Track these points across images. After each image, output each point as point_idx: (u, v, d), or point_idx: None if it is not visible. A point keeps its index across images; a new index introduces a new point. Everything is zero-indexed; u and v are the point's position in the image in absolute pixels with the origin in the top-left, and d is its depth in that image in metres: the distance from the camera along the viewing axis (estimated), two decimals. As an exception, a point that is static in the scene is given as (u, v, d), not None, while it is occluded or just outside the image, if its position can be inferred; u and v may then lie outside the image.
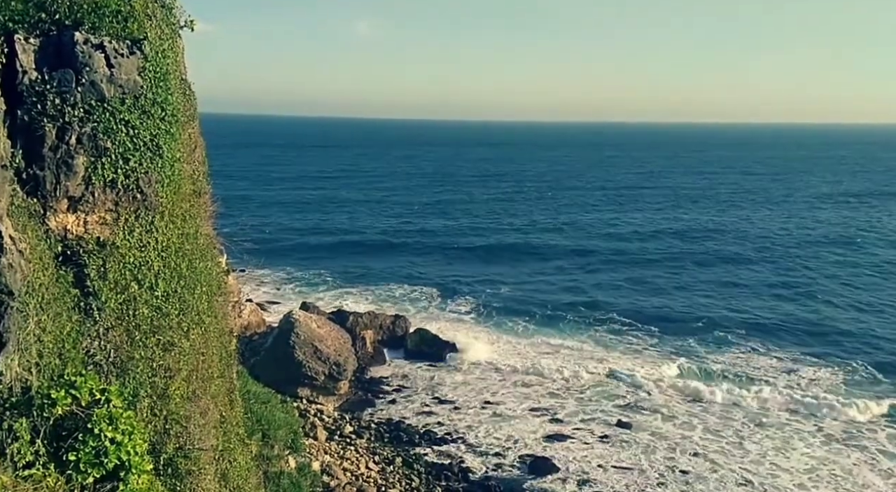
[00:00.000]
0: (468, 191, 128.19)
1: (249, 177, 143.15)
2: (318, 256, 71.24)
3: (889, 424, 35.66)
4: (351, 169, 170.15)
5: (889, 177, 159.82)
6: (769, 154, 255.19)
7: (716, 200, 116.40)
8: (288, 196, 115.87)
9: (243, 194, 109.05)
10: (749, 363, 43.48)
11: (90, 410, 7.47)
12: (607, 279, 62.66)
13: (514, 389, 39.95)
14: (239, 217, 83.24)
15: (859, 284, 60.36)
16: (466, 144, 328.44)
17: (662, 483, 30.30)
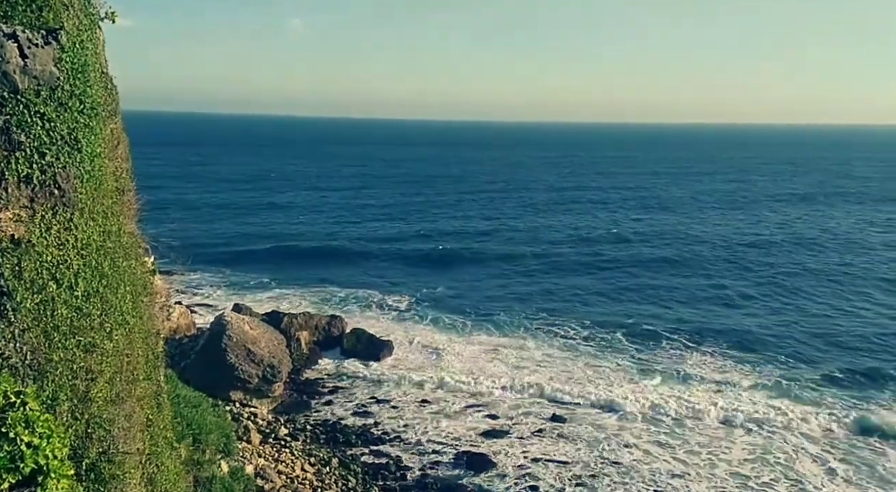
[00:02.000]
0: (409, 192, 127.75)
1: (178, 177, 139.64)
2: (253, 258, 69.96)
3: (826, 424, 36.92)
4: (285, 169, 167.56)
5: (820, 177, 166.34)
6: (693, 154, 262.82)
7: (642, 203, 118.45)
8: (219, 198, 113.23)
9: (172, 195, 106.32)
10: (681, 361, 44.38)
11: (4, 413, 7.14)
12: (543, 281, 63.32)
13: (450, 385, 40.09)
14: (167, 218, 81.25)
15: (788, 286, 62.06)
16: (404, 143, 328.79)
17: (595, 475, 30.90)
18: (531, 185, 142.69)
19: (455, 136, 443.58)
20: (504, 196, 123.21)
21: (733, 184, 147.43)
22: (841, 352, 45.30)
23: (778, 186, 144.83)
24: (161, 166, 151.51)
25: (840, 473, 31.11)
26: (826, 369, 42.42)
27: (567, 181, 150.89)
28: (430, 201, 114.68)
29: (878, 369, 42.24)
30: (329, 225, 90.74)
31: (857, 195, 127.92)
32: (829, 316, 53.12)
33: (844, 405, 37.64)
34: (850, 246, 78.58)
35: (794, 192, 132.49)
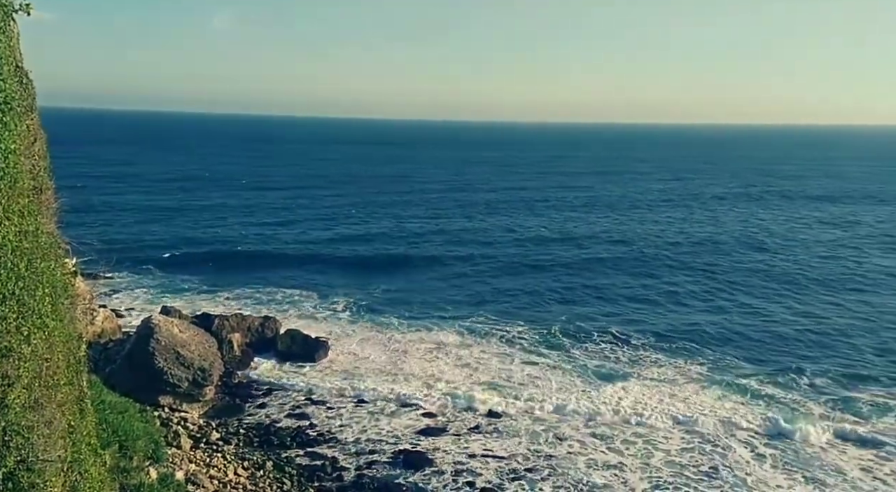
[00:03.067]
0: (348, 192, 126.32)
1: (103, 176, 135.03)
2: (184, 261, 68.13)
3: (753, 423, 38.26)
4: (220, 169, 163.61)
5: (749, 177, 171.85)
6: (658, 154, 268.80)
7: (582, 202, 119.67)
8: (149, 199, 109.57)
9: (99, 196, 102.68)
10: (618, 357, 45.22)
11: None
12: (482, 282, 63.44)
13: (388, 386, 40.03)
14: (91, 219, 78.51)
15: (720, 284, 63.79)
16: (334, 141, 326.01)
17: (532, 468, 31.34)
18: (474, 184, 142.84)
19: (398, 134, 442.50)
20: (444, 196, 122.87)
21: (673, 182, 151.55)
22: (772, 347, 46.78)
23: (704, 185, 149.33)
24: (86, 166, 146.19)
25: (769, 460, 32.28)
26: (757, 363, 43.86)
27: (508, 181, 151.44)
28: (370, 202, 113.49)
29: (802, 364, 43.60)
30: (264, 226, 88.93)
31: (785, 193, 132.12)
32: (761, 313, 54.90)
33: (775, 398, 39.00)
34: (776, 244, 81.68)
35: (729, 191, 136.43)
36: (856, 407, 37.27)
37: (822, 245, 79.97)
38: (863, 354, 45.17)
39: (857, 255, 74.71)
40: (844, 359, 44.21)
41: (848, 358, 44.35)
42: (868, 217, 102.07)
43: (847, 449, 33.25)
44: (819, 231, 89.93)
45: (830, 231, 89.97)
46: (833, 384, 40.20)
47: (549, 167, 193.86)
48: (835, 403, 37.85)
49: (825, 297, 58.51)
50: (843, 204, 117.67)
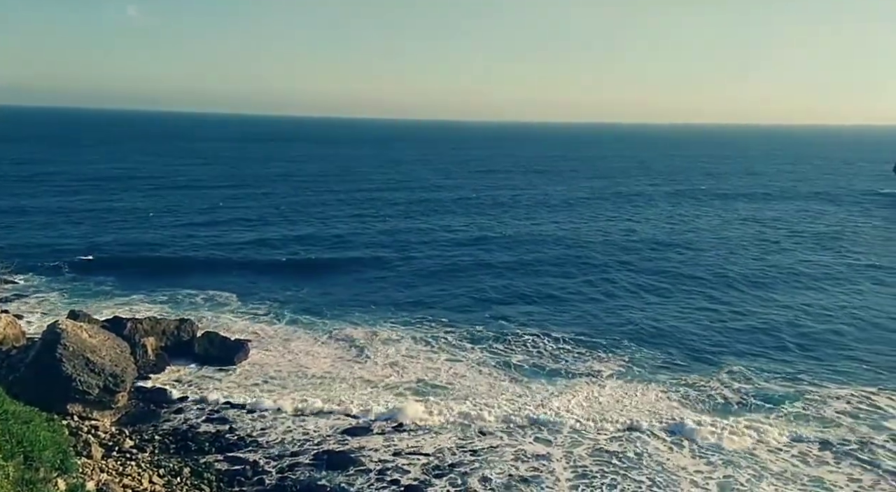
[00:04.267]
0: (276, 192, 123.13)
1: (9, 177, 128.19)
2: (96, 265, 65.03)
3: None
4: (137, 168, 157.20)
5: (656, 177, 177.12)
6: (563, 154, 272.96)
7: (510, 202, 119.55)
8: (59, 201, 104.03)
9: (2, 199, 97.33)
10: (538, 352, 45.72)
11: None
12: (408, 283, 62.86)
13: (310, 386, 39.37)
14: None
15: (629, 284, 65.72)
16: (251, 139, 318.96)
17: (454, 465, 31.37)
18: (400, 184, 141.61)
19: (328, 133, 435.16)
20: (370, 196, 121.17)
21: (602, 181, 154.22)
22: (691, 341, 48.04)
23: (622, 185, 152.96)
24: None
25: (688, 449, 33.24)
26: (677, 357, 44.97)
27: (434, 181, 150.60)
28: (295, 203, 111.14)
29: (720, 357, 45.08)
30: (184, 228, 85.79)
31: (709, 192, 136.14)
32: (680, 308, 56.58)
33: (695, 388, 40.19)
34: (696, 241, 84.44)
35: (656, 190, 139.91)
36: (771, 397, 38.63)
37: (737, 242, 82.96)
38: (778, 347, 46.90)
39: (771, 251, 77.96)
40: (761, 352, 45.79)
41: (764, 351, 45.91)
42: (773, 214, 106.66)
43: (763, 437, 34.58)
44: (736, 229, 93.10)
45: (744, 228, 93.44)
46: (749, 376, 41.56)
47: (476, 166, 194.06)
48: (750, 393, 39.14)
49: (743, 293, 60.56)
50: (759, 201, 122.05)
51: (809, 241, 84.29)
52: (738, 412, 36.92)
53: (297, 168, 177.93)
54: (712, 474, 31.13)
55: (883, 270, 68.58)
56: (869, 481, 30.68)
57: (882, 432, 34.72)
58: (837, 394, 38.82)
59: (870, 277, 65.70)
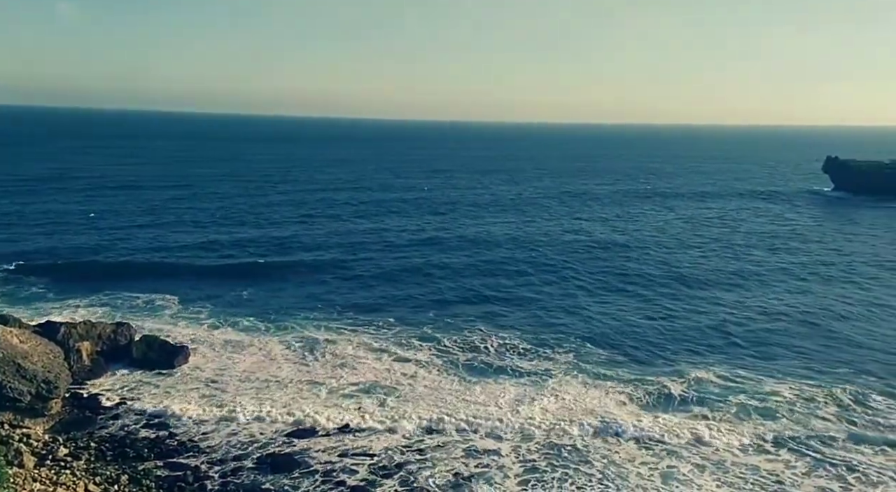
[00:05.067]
0: (205, 193, 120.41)
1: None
2: (27, 270, 62.72)
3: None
4: (68, 168, 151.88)
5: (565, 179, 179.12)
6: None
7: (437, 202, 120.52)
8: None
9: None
10: (485, 349, 45.97)
11: None
12: (348, 284, 62.15)
13: (253, 390, 38.60)
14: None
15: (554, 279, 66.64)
16: (202, 138, 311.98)
17: (402, 464, 31.14)
18: (342, 185, 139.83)
19: (255, 130, 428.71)
20: (310, 197, 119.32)
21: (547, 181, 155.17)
22: (629, 338, 48.96)
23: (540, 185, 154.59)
24: None
25: (633, 440, 33.79)
26: (617, 353, 45.73)
27: (376, 181, 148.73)
28: (242, 204, 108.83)
29: (657, 352, 46.09)
30: (124, 231, 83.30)
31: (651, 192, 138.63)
32: (619, 307, 57.61)
33: (637, 383, 40.90)
34: (633, 241, 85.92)
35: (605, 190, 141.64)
36: (713, 392, 39.45)
37: (679, 241, 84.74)
38: (720, 343, 47.93)
39: (711, 250, 79.79)
40: (704, 349, 46.71)
41: (706, 348, 46.87)
42: (713, 212, 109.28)
43: (704, 429, 35.30)
44: (678, 227, 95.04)
45: (686, 227, 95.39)
46: (691, 372, 42.34)
47: (420, 166, 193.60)
48: (693, 388, 39.84)
49: (685, 291, 61.83)
50: (702, 200, 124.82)
51: (748, 239, 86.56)
52: (681, 407, 37.59)
53: (246, 167, 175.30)
54: (657, 464, 31.69)
55: (815, 268, 70.86)
56: (804, 468, 31.62)
57: (817, 423, 35.80)
58: (775, 389, 39.76)
59: (805, 275, 67.73)
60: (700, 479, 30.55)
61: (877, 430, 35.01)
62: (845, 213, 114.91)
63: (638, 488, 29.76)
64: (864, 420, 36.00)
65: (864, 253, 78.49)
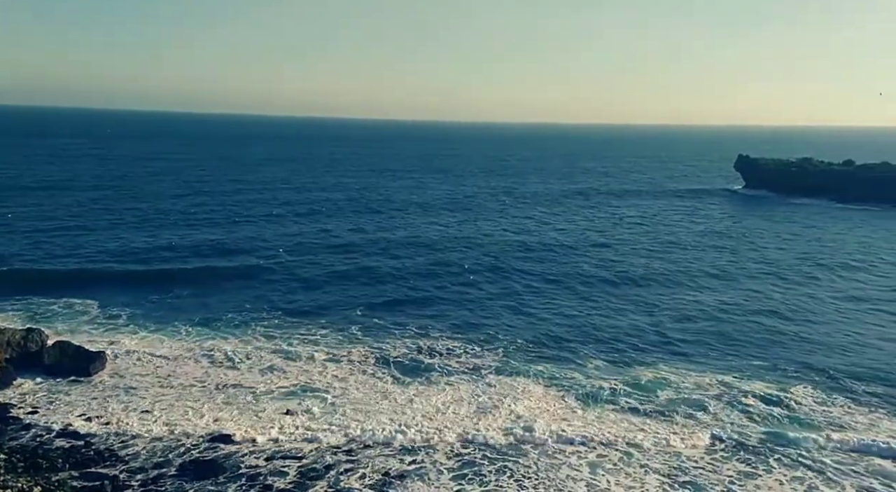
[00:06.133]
0: (129, 195, 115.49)
1: None
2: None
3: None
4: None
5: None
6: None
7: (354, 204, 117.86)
8: None
9: None
10: (417, 348, 45.82)
11: None
12: (273, 288, 60.54)
13: (175, 396, 37.21)
14: None
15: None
16: (129, 136, 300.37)
17: (331, 467, 30.54)
18: (265, 186, 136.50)
19: (166, 128, 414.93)
20: (230, 199, 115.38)
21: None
22: (560, 336, 49.32)
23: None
24: None
25: (562, 433, 33.93)
26: (548, 350, 46.10)
27: (300, 182, 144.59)
28: (167, 206, 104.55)
29: (587, 350, 46.47)
30: (39, 234, 78.92)
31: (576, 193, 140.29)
32: (549, 305, 58.15)
33: (568, 379, 41.35)
34: (560, 240, 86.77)
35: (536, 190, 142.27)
36: (641, 385, 40.17)
37: (601, 240, 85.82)
38: (647, 340, 48.79)
39: (630, 250, 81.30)
40: (631, 345, 47.44)
41: (634, 344, 47.61)
42: (636, 211, 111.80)
43: (630, 421, 35.98)
44: (599, 227, 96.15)
45: (608, 226, 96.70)
46: (621, 367, 43.15)
47: (356, 165, 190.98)
48: (621, 382, 40.51)
49: (610, 289, 62.88)
50: (628, 198, 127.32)
51: (667, 237, 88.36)
52: (609, 400, 38.08)
53: (173, 167, 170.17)
54: (587, 454, 32.16)
55: (730, 266, 73.03)
56: (726, 451, 32.63)
57: (736, 409, 37.00)
58: (699, 381, 40.70)
59: (721, 273, 69.54)
60: (628, 468, 31.07)
61: (807, 423, 35.94)
62: (755, 210, 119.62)
63: (568, 480, 30.03)
64: (795, 414, 36.83)
65: (779, 249, 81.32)
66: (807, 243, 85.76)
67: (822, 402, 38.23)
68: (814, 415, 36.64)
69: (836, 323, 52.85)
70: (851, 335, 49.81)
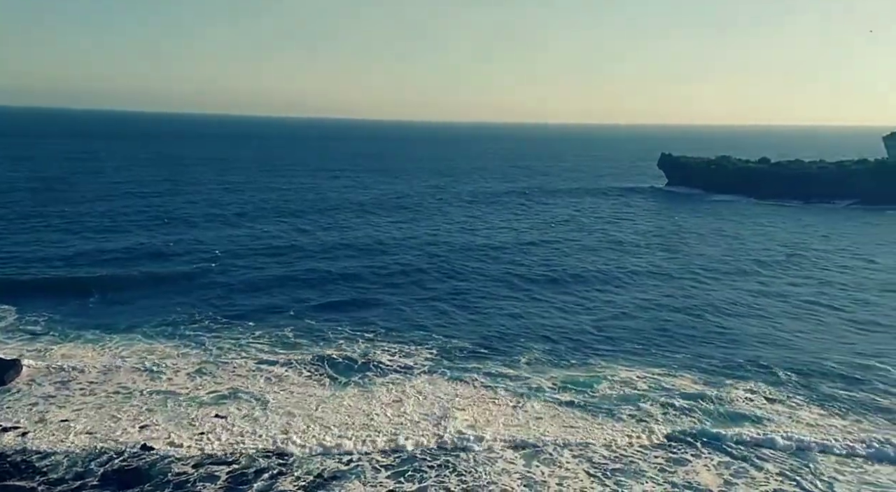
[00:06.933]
0: (50, 197, 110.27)
1: None
2: None
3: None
4: None
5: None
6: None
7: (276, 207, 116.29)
8: None
9: None
10: (351, 351, 45.36)
11: None
12: (206, 294, 58.40)
13: (95, 403, 35.71)
14: None
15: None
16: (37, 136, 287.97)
17: (263, 469, 29.84)
18: (186, 187, 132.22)
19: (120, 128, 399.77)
20: (169, 201, 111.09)
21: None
22: (488, 334, 49.70)
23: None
24: None
25: (495, 429, 34.08)
26: (479, 347, 46.37)
27: (222, 183, 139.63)
28: (90, 209, 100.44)
29: (517, 347, 46.87)
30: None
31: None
32: (477, 304, 58.39)
33: (499, 379, 41.56)
34: (481, 240, 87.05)
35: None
36: (575, 381, 40.49)
37: (532, 239, 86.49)
38: (579, 337, 49.31)
39: (564, 249, 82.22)
40: (564, 341, 47.84)
41: (567, 340, 48.08)
42: (565, 210, 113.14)
43: (564, 412, 36.34)
44: (527, 225, 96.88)
45: (541, 225, 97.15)
46: (554, 363, 43.51)
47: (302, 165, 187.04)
48: (557, 378, 40.78)
49: (541, 286, 63.51)
50: (552, 198, 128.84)
51: (600, 237, 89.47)
52: (544, 396, 38.25)
53: (101, 167, 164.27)
54: (522, 449, 32.30)
55: (663, 263, 74.84)
56: (656, 441, 33.29)
57: (667, 403, 37.71)
58: (631, 376, 41.21)
59: (653, 271, 71.06)
60: (561, 457, 31.43)
61: (734, 415, 36.70)
62: (679, 207, 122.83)
63: (504, 473, 30.11)
64: (723, 407, 37.50)
65: (705, 246, 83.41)
66: (728, 240, 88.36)
67: (749, 395, 39.02)
68: (740, 407, 37.44)
69: (760, 317, 54.36)
70: (774, 329, 51.30)
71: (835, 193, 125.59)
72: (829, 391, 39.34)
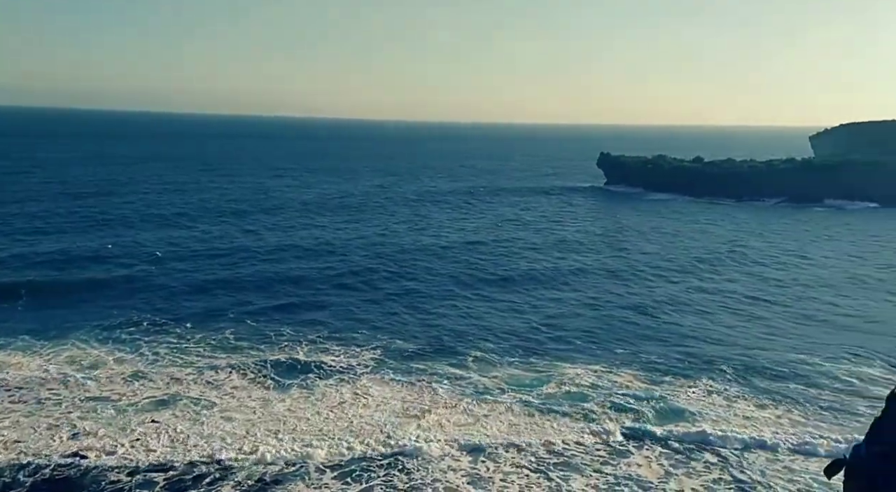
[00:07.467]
0: None
1: None
2: None
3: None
4: None
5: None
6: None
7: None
8: None
9: None
10: (295, 350, 44.82)
11: None
12: (143, 298, 56.57)
13: (22, 410, 34.30)
14: None
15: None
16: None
17: (202, 475, 29.11)
18: (142, 186, 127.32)
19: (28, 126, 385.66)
20: (104, 202, 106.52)
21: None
22: (436, 333, 49.82)
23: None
24: None
25: (443, 430, 34.06)
26: (419, 346, 46.35)
27: (171, 184, 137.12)
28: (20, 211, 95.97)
29: (466, 347, 47.36)
30: None
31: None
32: (423, 303, 58.30)
33: (445, 380, 41.57)
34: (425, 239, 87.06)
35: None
36: (522, 381, 40.63)
37: (483, 239, 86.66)
38: (526, 337, 49.83)
39: (514, 249, 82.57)
40: (511, 341, 47.94)
41: (513, 340, 48.18)
42: (514, 210, 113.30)
43: (510, 411, 36.47)
44: (476, 225, 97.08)
45: (487, 225, 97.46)
46: (502, 363, 43.49)
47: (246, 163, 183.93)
48: (503, 379, 40.82)
49: (490, 287, 63.64)
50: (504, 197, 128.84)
51: (546, 236, 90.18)
52: (490, 397, 38.20)
53: (36, 166, 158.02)
54: (468, 448, 32.28)
55: (609, 261, 75.98)
56: (602, 437, 33.68)
57: (612, 401, 38.16)
58: (575, 375, 41.44)
59: (595, 269, 72.08)
60: (507, 454, 31.51)
61: (677, 410, 37.35)
62: (618, 206, 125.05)
63: (449, 470, 30.05)
64: (666, 404, 38.00)
65: (644, 244, 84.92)
66: (668, 237, 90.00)
67: (689, 390, 39.88)
68: (681, 402, 38.06)
69: (700, 313, 55.49)
70: (713, 325, 52.53)
71: (764, 191, 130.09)
72: (763, 385, 40.37)
